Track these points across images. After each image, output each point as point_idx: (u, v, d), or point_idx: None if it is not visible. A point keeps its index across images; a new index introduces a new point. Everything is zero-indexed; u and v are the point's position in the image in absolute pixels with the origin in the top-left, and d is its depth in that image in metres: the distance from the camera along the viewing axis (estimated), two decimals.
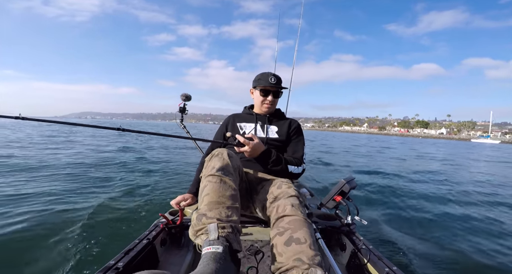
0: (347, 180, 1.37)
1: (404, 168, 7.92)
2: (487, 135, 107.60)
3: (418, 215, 3.32)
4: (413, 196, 4.32)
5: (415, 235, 2.66)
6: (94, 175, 4.39)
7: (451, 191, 4.80)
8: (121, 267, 0.93)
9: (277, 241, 0.94)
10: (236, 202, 0.99)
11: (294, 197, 1.11)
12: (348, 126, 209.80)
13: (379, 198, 4.13)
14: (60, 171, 4.51)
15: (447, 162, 10.93)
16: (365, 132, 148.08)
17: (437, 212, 3.45)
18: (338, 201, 1.39)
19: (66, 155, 6.62)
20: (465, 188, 5.14)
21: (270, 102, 1.54)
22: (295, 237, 0.91)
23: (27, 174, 4.14)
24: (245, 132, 1.53)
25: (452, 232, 2.78)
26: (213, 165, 1.07)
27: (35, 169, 4.56)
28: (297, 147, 1.53)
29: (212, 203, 0.94)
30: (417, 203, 3.92)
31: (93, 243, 1.98)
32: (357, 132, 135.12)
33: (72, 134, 13.87)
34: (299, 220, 0.98)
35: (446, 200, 4.13)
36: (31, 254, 1.80)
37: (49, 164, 5.15)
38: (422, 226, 2.96)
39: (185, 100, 1.88)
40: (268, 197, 1.17)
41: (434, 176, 6.55)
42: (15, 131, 15.03)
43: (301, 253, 0.86)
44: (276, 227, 1.00)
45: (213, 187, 0.98)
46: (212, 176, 1.02)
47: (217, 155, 1.13)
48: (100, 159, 6.17)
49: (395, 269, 1.03)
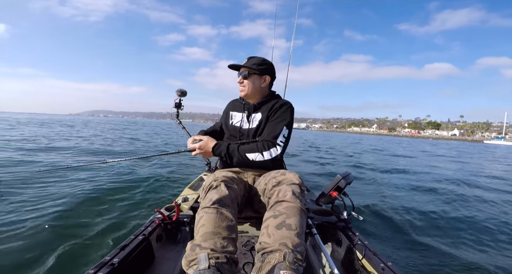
0: (343, 175, 1.38)
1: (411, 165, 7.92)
2: (501, 136, 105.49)
3: (416, 211, 3.32)
4: (410, 191, 4.46)
5: (411, 231, 2.65)
6: (92, 167, 4.36)
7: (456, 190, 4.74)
8: (116, 263, 0.92)
9: (270, 222, 0.97)
10: (233, 233, 0.97)
11: (296, 185, 1.12)
12: (357, 127, 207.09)
13: (375, 194, 4.20)
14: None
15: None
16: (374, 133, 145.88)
17: (435, 210, 3.44)
18: (334, 196, 1.40)
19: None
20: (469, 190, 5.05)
21: (240, 84, 1.44)
22: (287, 222, 0.94)
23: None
24: (232, 122, 1.49)
25: (453, 231, 2.76)
26: (211, 197, 1.05)
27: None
28: (271, 128, 1.34)
29: (207, 233, 0.92)
30: (418, 199, 3.99)
31: (88, 238, 1.97)
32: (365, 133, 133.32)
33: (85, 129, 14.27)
34: (296, 208, 1.00)
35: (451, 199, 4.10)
36: (23, 250, 1.77)
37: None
38: (419, 222, 2.94)
39: (181, 96, 1.89)
40: (269, 182, 1.17)
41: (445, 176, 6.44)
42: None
43: (288, 239, 0.89)
44: (272, 210, 1.03)
45: (209, 218, 0.96)
46: (209, 207, 1.00)
47: (215, 187, 1.10)
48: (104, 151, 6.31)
49: (390, 264, 1.03)
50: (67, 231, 2.09)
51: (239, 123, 1.46)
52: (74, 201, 2.74)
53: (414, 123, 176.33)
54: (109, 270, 0.87)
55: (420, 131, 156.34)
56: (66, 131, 14.37)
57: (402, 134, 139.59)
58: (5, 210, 2.41)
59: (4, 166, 4.34)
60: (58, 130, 15.11)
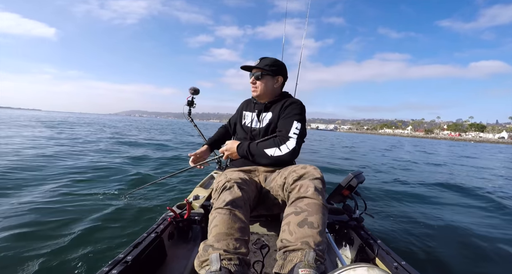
0: (355, 174, 1.37)
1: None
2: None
3: (434, 211, 3.13)
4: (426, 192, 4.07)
5: (428, 230, 2.53)
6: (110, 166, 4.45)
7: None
8: (130, 261, 0.93)
9: (291, 219, 0.97)
10: (245, 235, 0.97)
11: (319, 179, 1.10)
12: (390, 129, 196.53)
13: (390, 193, 4.00)
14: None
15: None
16: (409, 135, 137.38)
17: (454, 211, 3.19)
18: (346, 195, 1.40)
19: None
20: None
21: (253, 84, 1.46)
22: (309, 220, 0.94)
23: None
24: (245, 122, 1.52)
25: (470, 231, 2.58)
26: (224, 198, 1.05)
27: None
28: (283, 123, 1.36)
29: (220, 234, 0.92)
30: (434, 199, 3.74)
31: (102, 235, 1.99)
32: (399, 136, 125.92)
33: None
34: (318, 205, 0.99)
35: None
36: (37, 247, 1.77)
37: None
38: (436, 222, 2.78)
39: (193, 94, 1.95)
40: (289, 176, 1.15)
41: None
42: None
43: (310, 237, 0.89)
44: (294, 205, 1.02)
45: (222, 219, 0.97)
46: (222, 208, 1.01)
47: (228, 188, 1.10)
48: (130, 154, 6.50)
49: (404, 264, 1.01)
50: (79, 228, 2.08)
51: (250, 123, 1.48)
52: (88, 198, 2.77)
53: (454, 125, 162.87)
54: (123, 268, 0.89)
55: (462, 133, 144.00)
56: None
57: (441, 136, 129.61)
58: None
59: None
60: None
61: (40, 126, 14.66)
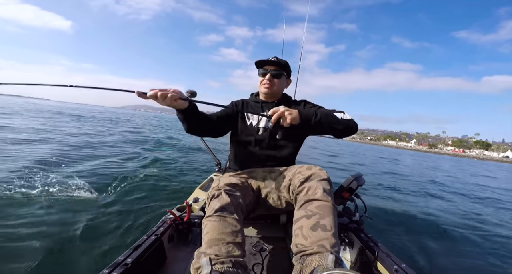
0: (355, 177, 1.38)
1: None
2: None
3: (433, 215, 3.17)
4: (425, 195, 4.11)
5: (426, 234, 2.55)
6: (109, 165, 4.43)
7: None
8: (130, 263, 0.94)
9: (303, 223, 0.96)
10: (238, 237, 0.96)
11: (326, 180, 1.09)
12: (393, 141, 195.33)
13: (392, 196, 4.04)
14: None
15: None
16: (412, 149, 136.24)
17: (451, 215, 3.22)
18: (346, 197, 1.42)
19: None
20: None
21: (269, 81, 1.40)
22: (322, 223, 0.93)
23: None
24: (252, 123, 1.43)
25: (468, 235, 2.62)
26: (213, 206, 1.05)
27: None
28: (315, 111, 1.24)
29: (211, 240, 0.92)
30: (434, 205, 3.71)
31: (102, 237, 1.98)
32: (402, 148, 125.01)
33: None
34: (328, 207, 0.99)
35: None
36: (37, 250, 1.76)
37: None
38: (435, 226, 2.82)
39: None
40: (295, 178, 1.14)
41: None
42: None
43: (325, 240, 0.89)
44: (304, 209, 1.01)
45: (213, 225, 0.97)
46: (211, 216, 1.01)
47: (217, 196, 1.10)
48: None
49: (404, 266, 1.01)
50: (79, 231, 2.06)
51: (256, 124, 1.42)
52: (89, 197, 2.78)
53: (459, 141, 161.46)
54: (122, 270, 0.89)
55: (466, 150, 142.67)
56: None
57: (444, 152, 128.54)
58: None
59: None
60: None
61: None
